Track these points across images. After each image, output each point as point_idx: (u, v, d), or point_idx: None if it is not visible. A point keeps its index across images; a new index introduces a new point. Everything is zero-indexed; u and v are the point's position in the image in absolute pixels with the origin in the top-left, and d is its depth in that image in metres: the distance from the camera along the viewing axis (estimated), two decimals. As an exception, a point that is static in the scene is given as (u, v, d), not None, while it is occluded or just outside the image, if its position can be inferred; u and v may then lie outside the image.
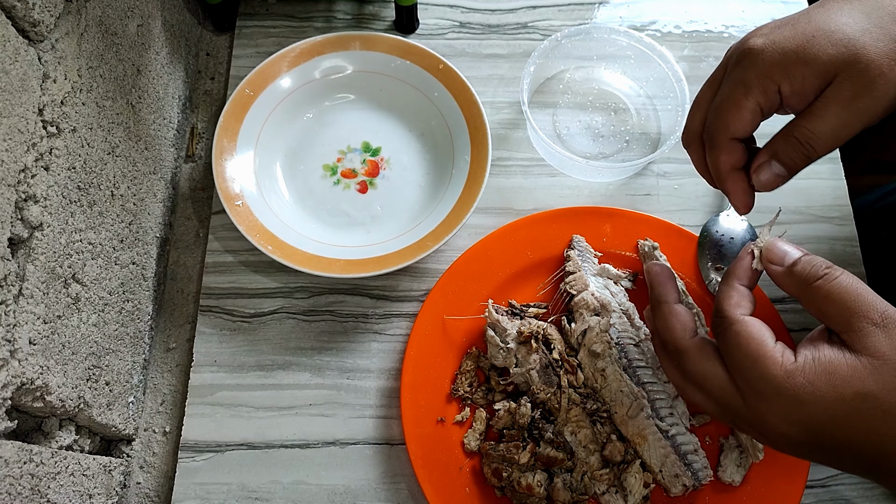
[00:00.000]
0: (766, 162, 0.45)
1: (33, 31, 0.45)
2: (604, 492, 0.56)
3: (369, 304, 0.65)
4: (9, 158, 0.43)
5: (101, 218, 0.54)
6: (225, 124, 0.66)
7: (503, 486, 0.57)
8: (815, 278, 0.39)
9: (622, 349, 0.59)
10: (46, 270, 0.47)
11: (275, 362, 0.63)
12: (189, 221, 0.69)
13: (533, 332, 0.59)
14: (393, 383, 0.62)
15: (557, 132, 0.71)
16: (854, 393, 0.37)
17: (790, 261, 0.41)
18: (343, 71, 0.71)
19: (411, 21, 0.74)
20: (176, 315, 0.66)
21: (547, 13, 0.77)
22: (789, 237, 0.67)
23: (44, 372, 0.46)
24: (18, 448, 0.44)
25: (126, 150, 0.58)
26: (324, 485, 0.59)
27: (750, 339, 0.40)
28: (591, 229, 0.64)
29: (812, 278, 0.40)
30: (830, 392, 0.37)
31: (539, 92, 0.73)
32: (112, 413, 0.56)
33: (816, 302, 0.40)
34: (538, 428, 0.57)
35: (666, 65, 0.68)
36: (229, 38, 0.76)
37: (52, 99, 0.47)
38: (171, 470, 0.60)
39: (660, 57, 0.69)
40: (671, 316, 0.44)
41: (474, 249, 0.63)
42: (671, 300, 0.45)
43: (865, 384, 0.36)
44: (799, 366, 0.38)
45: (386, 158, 0.69)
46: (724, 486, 0.57)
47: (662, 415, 0.57)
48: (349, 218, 0.67)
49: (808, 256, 0.41)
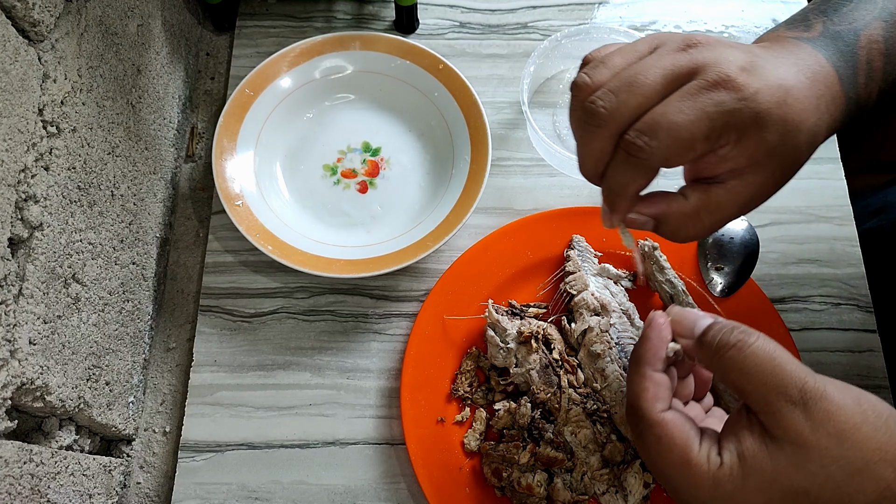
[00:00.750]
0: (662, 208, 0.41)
1: (33, 31, 0.45)
2: (604, 492, 0.56)
3: (369, 304, 0.65)
4: (9, 158, 0.43)
5: (101, 218, 0.54)
6: (225, 124, 0.66)
7: (503, 486, 0.57)
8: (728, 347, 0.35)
9: (622, 349, 0.59)
10: (46, 270, 0.47)
11: (275, 362, 0.63)
12: (189, 221, 0.69)
13: (533, 332, 0.59)
14: (393, 383, 0.62)
15: (557, 132, 0.71)
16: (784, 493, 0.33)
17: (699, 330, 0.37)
18: (343, 71, 0.71)
19: (411, 21, 0.74)
20: (176, 315, 0.66)
21: (547, 13, 0.77)
22: (787, 237, 0.68)
23: (44, 372, 0.46)
24: (18, 448, 0.44)
25: (126, 150, 0.58)
26: (324, 485, 0.59)
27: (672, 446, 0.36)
28: (591, 229, 0.64)
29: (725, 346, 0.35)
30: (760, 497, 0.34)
31: (539, 92, 0.73)
32: (112, 413, 0.56)
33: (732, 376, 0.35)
34: (538, 428, 0.57)
35: None
36: (229, 38, 0.76)
37: (52, 99, 0.47)
38: (171, 470, 0.60)
39: None
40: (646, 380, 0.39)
41: (474, 249, 0.63)
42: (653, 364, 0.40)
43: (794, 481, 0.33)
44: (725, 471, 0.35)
45: (386, 158, 0.69)
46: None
47: (662, 415, 0.57)
48: (349, 218, 0.67)
49: (719, 324, 0.37)
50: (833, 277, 0.66)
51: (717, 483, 0.35)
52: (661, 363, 0.39)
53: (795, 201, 0.68)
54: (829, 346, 0.63)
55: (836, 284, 0.65)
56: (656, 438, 0.37)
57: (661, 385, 0.38)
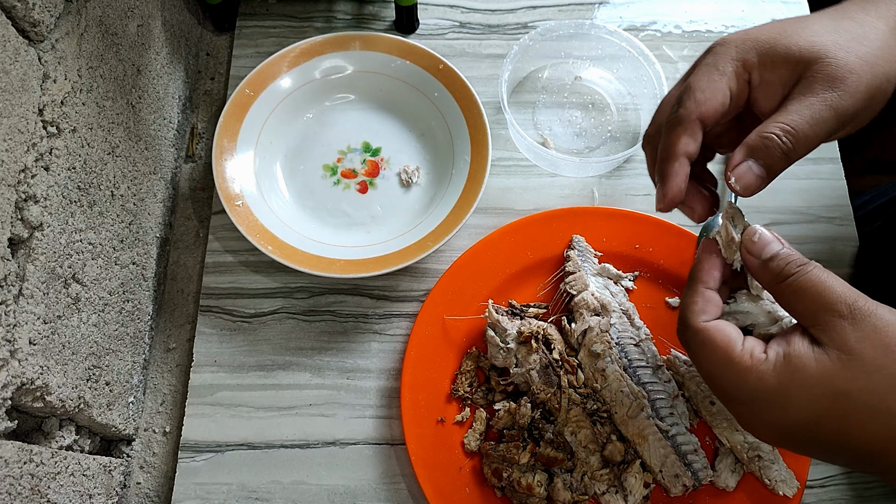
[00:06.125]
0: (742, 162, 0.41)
1: (33, 32, 0.45)
2: (604, 492, 0.56)
3: (369, 304, 0.65)
4: (9, 158, 0.43)
5: (101, 218, 0.54)
6: (225, 124, 0.66)
7: (503, 486, 0.57)
8: (788, 276, 0.38)
9: (622, 349, 0.59)
10: (46, 270, 0.47)
11: (275, 362, 0.63)
12: (189, 221, 0.69)
13: (533, 332, 0.59)
14: (393, 383, 0.62)
15: (538, 130, 0.72)
16: (825, 393, 0.35)
17: (768, 255, 0.39)
18: (343, 71, 0.71)
19: (411, 21, 0.74)
20: (176, 315, 0.66)
21: (547, 13, 0.77)
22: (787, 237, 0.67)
23: (44, 372, 0.46)
24: (18, 448, 0.44)
25: (126, 150, 0.58)
26: (324, 485, 0.59)
27: (716, 347, 0.38)
28: (591, 229, 0.64)
29: (785, 276, 0.38)
30: (802, 394, 0.36)
31: (517, 91, 0.73)
32: (112, 413, 0.56)
33: (787, 298, 0.38)
34: (538, 428, 0.57)
35: (641, 56, 0.69)
36: (229, 38, 0.76)
37: (52, 99, 0.47)
38: (171, 470, 0.60)
39: (631, 46, 0.69)
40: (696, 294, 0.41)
41: (474, 249, 0.63)
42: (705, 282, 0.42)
43: (836, 383, 0.35)
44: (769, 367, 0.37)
45: (386, 158, 0.69)
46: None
47: (662, 415, 0.57)
48: (349, 218, 0.67)
49: (785, 251, 0.39)
50: (833, 277, 0.66)
51: (760, 377, 0.36)
52: (713, 282, 0.41)
53: (795, 201, 0.68)
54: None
55: (836, 284, 0.65)
56: (700, 344, 0.39)
57: (709, 301, 0.40)
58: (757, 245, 0.40)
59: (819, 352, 0.36)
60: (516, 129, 0.66)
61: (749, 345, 0.38)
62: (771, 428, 0.38)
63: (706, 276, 0.41)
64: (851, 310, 0.35)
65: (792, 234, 0.67)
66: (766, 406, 0.37)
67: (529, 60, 0.73)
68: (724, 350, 0.38)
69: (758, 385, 0.37)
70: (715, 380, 0.39)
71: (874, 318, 0.35)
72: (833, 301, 0.36)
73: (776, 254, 0.39)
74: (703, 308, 0.40)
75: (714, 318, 0.40)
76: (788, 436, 0.38)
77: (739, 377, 0.37)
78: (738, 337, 0.39)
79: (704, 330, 0.39)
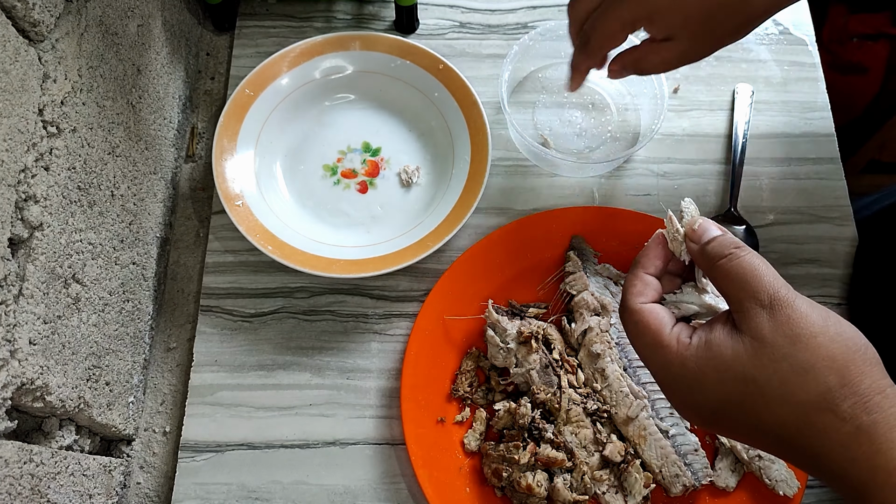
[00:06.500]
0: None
1: (33, 31, 0.45)
2: (604, 492, 0.56)
3: (369, 304, 0.65)
4: (9, 158, 0.43)
5: (102, 218, 0.54)
6: (225, 124, 0.66)
7: (503, 486, 0.57)
8: (721, 257, 0.39)
9: (622, 349, 0.59)
10: (46, 270, 0.47)
11: (275, 362, 0.63)
12: (189, 221, 0.69)
13: (533, 332, 0.59)
14: (393, 383, 0.62)
15: (538, 130, 0.72)
16: (735, 377, 0.37)
17: (707, 239, 0.41)
18: (343, 71, 0.71)
19: (411, 21, 0.74)
20: (176, 315, 0.66)
21: (547, 13, 0.77)
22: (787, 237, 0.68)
23: (44, 372, 0.46)
24: (18, 448, 0.44)
25: (126, 150, 0.58)
26: (324, 485, 0.59)
27: (648, 328, 0.41)
28: (591, 229, 0.64)
29: (718, 257, 0.40)
30: (715, 377, 0.37)
31: (517, 91, 0.73)
32: (112, 413, 0.56)
33: (719, 280, 0.40)
34: (538, 428, 0.57)
35: None
36: (229, 38, 0.76)
37: (52, 99, 0.47)
38: (171, 470, 0.60)
39: None
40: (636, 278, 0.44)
41: (474, 249, 0.63)
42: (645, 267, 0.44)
43: (746, 369, 0.36)
44: (692, 351, 0.39)
45: (386, 158, 0.69)
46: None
47: (662, 415, 0.57)
48: (349, 218, 0.67)
49: (723, 237, 0.41)
50: (833, 277, 0.66)
51: (682, 361, 0.39)
52: (653, 268, 0.44)
53: (795, 201, 0.68)
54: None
55: (836, 284, 0.65)
56: (635, 324, 0.41)
57: (648, 284, 0.43)
58: (697, 231, 0.42)
59: (736, 339, 0.37)
60: (516, 129, 0.66)
61: (677, 329, 0.40)
62: (691, 408, 0.40)
63: (647, 262, 0.44)
64: (772, 299, 0.37)
65: (792, 234, 0.67)
66: (686, 388, 0.39)
67: (529, 60, 0.73)
68: (655, 332, 0.40)
69: (680, 368, 0.39)
70: (647, 360, 0.42)
71: (790, 308, 0.37)
72: (757, 289, 0.37)
73: (714, 238, 0.41)
74: (640, 290, 0.42)
75: (651, 301, 0.42)
76: (705, 417, 0.40)
77: (666, 359, 0.40)
78: (669, 321, 0.41)
79: (640, 311, 0.41)
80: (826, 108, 0.72)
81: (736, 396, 0.37)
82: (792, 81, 0.74)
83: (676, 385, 0.40)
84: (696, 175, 0.70)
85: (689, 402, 0.40)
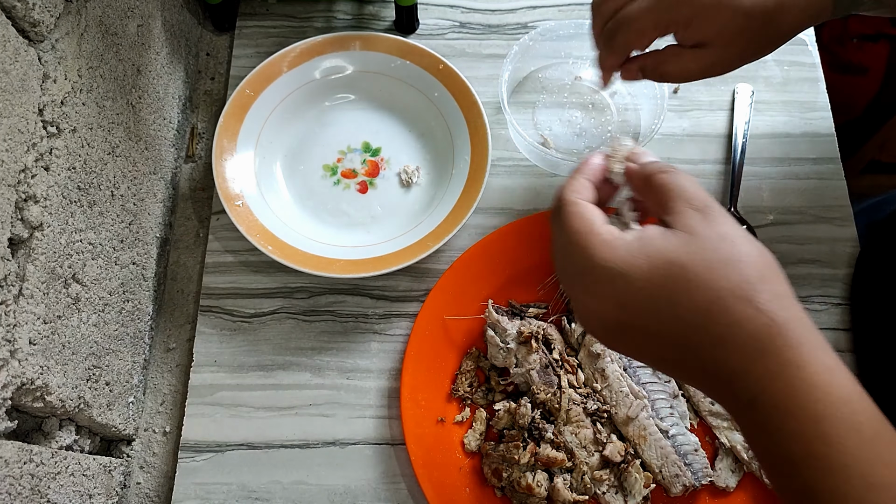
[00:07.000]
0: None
1: (33, 32, 0.45)
2: (604, 492, 0.56)
3: (369, 304, 0.65)
4: (9, 158, 0.43)
5: (101, 218, 0.54)
6: (225, 124, 0.66)
7: (503, 486, 0.57)
8: (660, 171, 0.42)
9: (622, 349, 0.59)
10: (46, 270, 0.47)
11: (275, 362, 0.63)
12: (189, 221, 0.69)
13: (533, 332, 0.59)
14: (393, 383, 0.62)
15: (538, 130, 0.72)
16: (665, 261, 0.38)
17: (646, 160, 0.44)
18: (343, 71, 0.71)
19: (411, 21, 0.74)
20: (176, 315, 0.66)
21: (547, 13, 0.77)
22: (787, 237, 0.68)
23: (44, 372, 0.46)
24: (18, 448, 0.44)
25: (126, 150, 0.58)
26: (324, 485, 0.59)
27: (582, 218, 0.41)
28: (591, 229, 0.64)
29: (657, 171, 0.42)
30: (645, 262, 0.38)
31: (517, 91, 0.73)
32: (112, 413, 0.56)
33: (653, 192, 0.41)
34: (538, 428, 0.57)
35: None
36: (229, 38, 0.76)
37: (52, 99, 0.47)
38: (171, 470, 0.60)
39: None
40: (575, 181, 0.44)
41: (474, 249, 0.63)
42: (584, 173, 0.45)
43: (676, 254, 0.38)
44: (623, 242, 0.39)
45: (386, 158, 0.69)
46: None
47: (662, 415, 0.57)
48: (349, 218, 0.67)
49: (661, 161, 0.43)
50: (833, 277, 0.66)
51: (612, 248, 0.39)
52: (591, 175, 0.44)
53: (795, 201, 0.68)
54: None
55: (836, 284, 0.65)
56: (567, 214, 0.42)
57: (585, 186, 0.44)
58: (638, 153, 0.45)
59: (669, 233, 0.39)
60: (516, 129, 0.66)
61: (611, 226, 0.41)
62: (603, 301, 0.40)
63: (588, 169, 0.45)
64: (704, 205, 0.40)
65: (792, 234, 0.67)
66: (607, 276, 0.39)
67: (529, 60, 0.73)
68: (589, 221, 0.41)
69: (609, 253, 0.39)
70: (569, 248, 0.41)
71: (720, 214, 0.40)
72: (691, 197, 0.40)
73: (653, 160, 0.44)
74: (578, 189, 0.43)
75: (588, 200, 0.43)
76: (617, 309, 0.39)
77: (594, 247, 0.40)
78: (603, 217, 0.42)
79: (576, 203, 0.42)
80: (826, 108, 0.72)
81: (661, 277, 0.38)
82: (792, 81, 0.74)
83: (596, 273, 0.39)
84: (696, 175, 0.70)
85: (607, 291, 0.39)
